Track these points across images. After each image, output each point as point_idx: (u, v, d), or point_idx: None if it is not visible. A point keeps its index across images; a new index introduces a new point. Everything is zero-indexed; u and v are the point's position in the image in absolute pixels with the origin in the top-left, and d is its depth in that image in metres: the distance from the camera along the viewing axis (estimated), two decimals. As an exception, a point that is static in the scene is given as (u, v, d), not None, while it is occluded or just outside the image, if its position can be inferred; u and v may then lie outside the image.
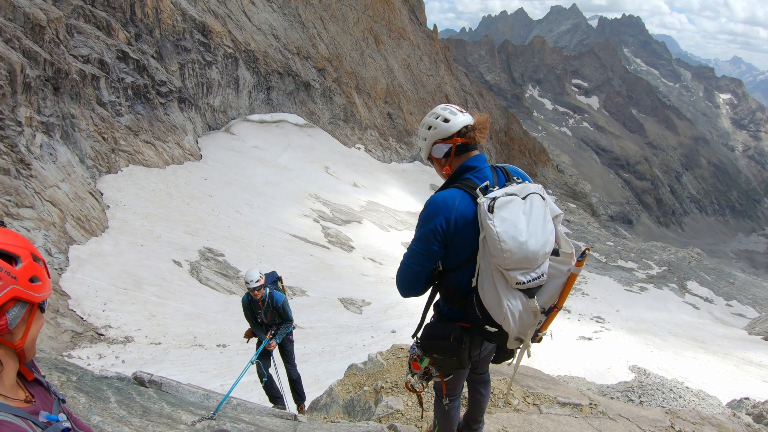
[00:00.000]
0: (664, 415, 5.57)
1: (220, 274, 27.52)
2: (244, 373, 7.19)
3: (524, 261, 2.83)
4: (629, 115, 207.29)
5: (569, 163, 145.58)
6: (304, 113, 62.88)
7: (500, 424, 4.66)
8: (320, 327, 25.41)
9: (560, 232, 3.14)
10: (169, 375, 17.64)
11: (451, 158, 3.22)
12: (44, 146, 26.51)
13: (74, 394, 3.89)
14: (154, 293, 23.38)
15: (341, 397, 7.03)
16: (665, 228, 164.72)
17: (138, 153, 35.85)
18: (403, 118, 76.71)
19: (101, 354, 18.11)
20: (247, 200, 39.88)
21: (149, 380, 5.39)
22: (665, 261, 62.00)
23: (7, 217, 20.93)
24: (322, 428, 4.60)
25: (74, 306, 20.16)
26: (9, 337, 1.83)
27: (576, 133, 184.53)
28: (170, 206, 32.84)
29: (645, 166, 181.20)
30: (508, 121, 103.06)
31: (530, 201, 2.94)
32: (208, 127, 49.11)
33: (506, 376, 5.97)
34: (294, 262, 32.88)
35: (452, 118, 3.16)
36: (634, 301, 43.78)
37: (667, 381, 24.34)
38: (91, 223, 25.84)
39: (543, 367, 24.80)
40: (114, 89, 36.27)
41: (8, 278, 1.76)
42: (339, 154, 61.43)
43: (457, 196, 3.02)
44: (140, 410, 4.07)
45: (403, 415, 5.37)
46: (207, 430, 4.07)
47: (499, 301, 2.92)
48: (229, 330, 22.62)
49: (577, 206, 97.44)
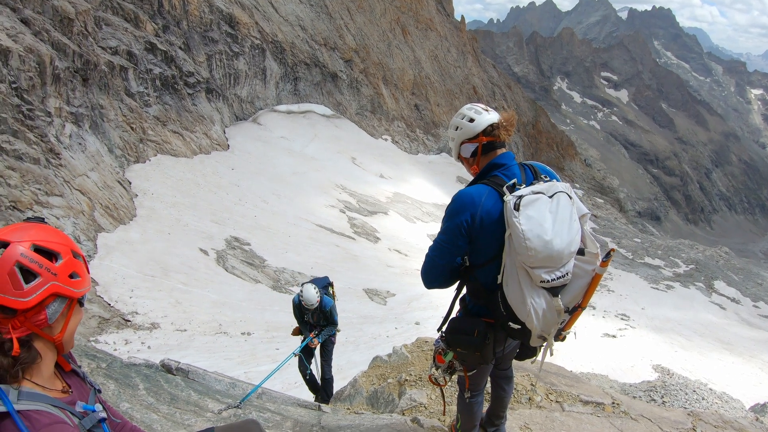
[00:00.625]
0: (686, 417, 5.50)
1: (246, 263, 27.66)
2: (282, 365, 7.20)
3: (549, 260, 2.84)
4: (659, 110, 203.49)
5: (597, 158, 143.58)
6: (331, 104, 62.96)
7: (522, 421, 4.62)
8: (344, 317, 25.35)
9: (586, 232, 3.11)
10: (194, 362, 17.80)
11: (478, 157, 3.25)
12: (73, 136, 26.85)
13: (103, 381, 3.91)
14: (180, 281, 23.60)
15: (365, 388, 7.03)
16: (693, 225, 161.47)
17: (166, 143, 36.19)
18: (431, 110, 76.43)
19: (128, 340, 18.33)
20: (273, 190, 40.05)
21: (176, 368, 5.42)
22: (692, 259, 60.99)
23: (37, 205, 21.24)
24: (346, 419, 4.57)
25: (102, 292, 20.42)
26: (48, 331, 1.89)
27: (605, 127, 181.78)
28: (197, 195, 33.11)
29: (674, 162, 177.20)
30: (536, 114, 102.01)
31: (557, 200, 2.94)
32: (235, 117, 49.38)
33: (530, 372, 5.91)
34: (319, 252, 32.96)
35: (477, 117, 3.19)
36: (660, 300, 43.17)
37: (691, 382, 24.10)
38: (119, 211, 26.14)
39: (566, 363, 24.62)
40: (142, 80, 36.62)
41: (48, 275, 1.83)
42: (366, 145, 61.42)
43: (484, 193, 3.04)
44: (168, 397, 4.07)
45: (427, 408, 5.35)
46: (233, 418, 4.05)
47: (523, 299, 2.94)
48: (254, 318, 22.76)
49: (604, 201, 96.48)
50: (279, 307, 24.59)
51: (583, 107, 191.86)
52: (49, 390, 1.89)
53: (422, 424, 4.49)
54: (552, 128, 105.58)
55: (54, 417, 1.78)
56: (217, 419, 3.88)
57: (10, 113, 22.32)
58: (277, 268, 28.57)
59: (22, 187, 20.96)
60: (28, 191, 21.15)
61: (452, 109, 79.18)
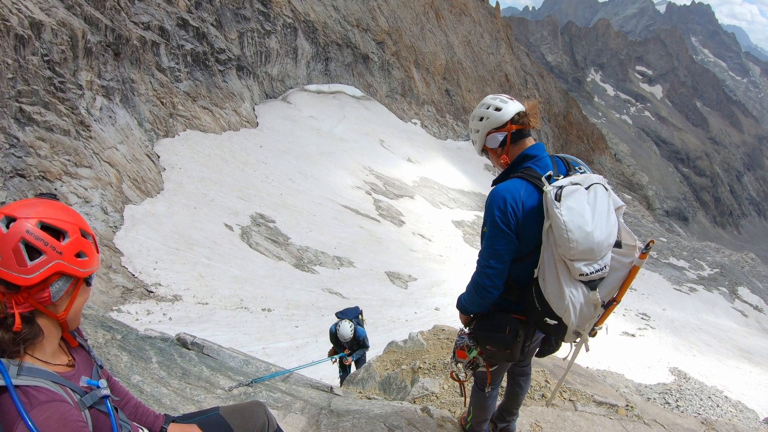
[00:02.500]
0: (700, 426, 5.40)
1: (270, 240, 27.82)
2: (310, 366, 7.27)
3: (589, 252, 2.77)
4: (693, 108, 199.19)
5: (627, 153, 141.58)
6: (361, 85, 62.82)
7: (534, 419, 4.55)
8: (365, 299, 25.51)
9: (623, 224, 3.05)
10: (213, 335, 18.03)
11: (507, 146, 3.17)
12: (104, 109, 27.13)
13: (117, 353, 3.92)
14: (204, 255, 23.82)
15: (379, 373, 7.04)
16: (721, 228, 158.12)
17: (195, 118, 36.42)
18: (461, 95, 75.87)
19: (149, 310, 18.56)
20: (300, 169, 40.15)
21: (192, 342, 5.43)
22: (718, 263, 59.99)
23: (66, 176, 21.53)
24: (356, 404, 4.55)
25: (126, 263, 20.68)
26: (52, 309, 1.89)
27: (637, 122, 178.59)
28: (224, 171, 33.32)
29: (705, 162, 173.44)
30: (567, 105, 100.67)
31: (594, 191, 2.88)
32: (265, 95, 49.49)
33: (545, 368, 5.86)
34: (344, 233, 33.03)
35: (503, 106, 3.11)
36: (681, 302, 42.55)
37: (707, 388, 23.95)
38: (146, 184, 26.40)
39: (583, 360, 24.63)
40: (173, 56, 36.82)
41: (53, 253, 1.82)
42: (394, 128, 61.24)
43: (521, 187, 2.97)
44: (180, 372, 4.08)
45: (438, 398, 5.31)
46: (243, 396, 4.06)
47: (561, 293, 2.87)
48: (275, 295, 22.90)
49: (632, 198, 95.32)
50: (300, 285, 24.73)
51: (616, 101, 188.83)
52: (52, 365, 1.89)
53: (432, 414, 4.46)
54: (583, 120, 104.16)
55: (52, 394, 1.77)
56: (226, 397, 3.88)
57: (42, 85, 22.59)
58: (301, 247, 28.70)
59: (51, 158, 21.25)
60: (57, 162, 21.44)
61: (483, 95, 78.13)
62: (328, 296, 24.54)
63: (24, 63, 21.78)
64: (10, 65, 20.85)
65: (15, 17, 21.99)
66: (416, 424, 4.09)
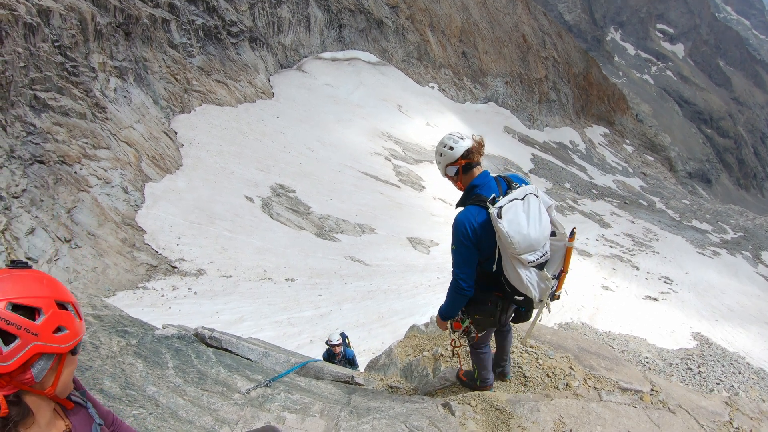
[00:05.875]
0: (724, 408, 5.47)
1: (290, 210, 27.97)
2: (303, 365, 7.23)
3: (529, 246, 3.79)
4: (716, 67, 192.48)
5: (649, 113, 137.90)
6: (376, 51, 62.20)
7: (558, 414, 4.58)
8: (387, 265, 25.62)
9: (554, 219, 4.11)
10: (239, 307, 18.29)
11: (460, 175, 4.15)
12: (118, 90, 27.28)
13: (132, 361, 3.90)
14: (226, 228, 24.05)
15: (400, 359, 7.11)
16: (745, 191, 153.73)
17: (210, 92, 36.45)
18: (479, 58, 74.63)
19: (174, 286, 18.85)
20: (318, 137, 40.12)
21: (210, 336, 5.44)
22: (741, 227, 58.68)
23: (84, 158, 21.79)
24: (376, 399, 4.60)
25: (149, 240, 20.97)
26: (38, 387, 1.78)
27: (658, 82, 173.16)
28: (243, 143, 33.43)
29: (729, 123, 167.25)
30: (587, 65, 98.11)
31: (527, 201, 3.86)
32: (279, 65, 49.26)
33: (569, 352, 5.85)
34: (364, 200, 33.08)
35: (455, 146, 4.05)
36: (704, 265, 41.70)
37: (729, 354, 23.87)
38: (165, 161, 26.61)
39: (606, 324, 24.80)
40: (185, 31, 36.72)
41: (28, 336, 1.68)
42: (412, 93, 60.63)
43: (475, 212, 3.92)
44: (196, 377, 4.07)
45: (460, 389, 5.32)
46: (261, 399, 4.06)
47: (520, 278, 3.89)
48: (298, 265, 23.10)
49: (654, 159, 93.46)
50: (322, 253, 24.90)
51: (637, 60, 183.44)
52: None
53: (454, 411, 4.51)
54: (603, 80, 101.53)
55: None
56: (244, 402, 3.89)
57: (55, 71, 22.75)
58: (322, 215, 28.83)
59: (69, 142, 21.48)
60: (75, 145, 21.68)
61: (500, 57, 77.36)
62: (350, 264, 24.69)
63: (35, 50, 21.92)
64: (21, 54, 21.00)
65: (22, 6, 22.09)
66: (438, 424, 4.17)
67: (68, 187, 19.88)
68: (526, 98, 78.87)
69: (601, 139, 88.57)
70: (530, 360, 5.61)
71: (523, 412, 4.56)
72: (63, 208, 18.90)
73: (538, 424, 4.42)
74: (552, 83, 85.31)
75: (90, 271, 17.83)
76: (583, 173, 68.68)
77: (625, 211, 57.13)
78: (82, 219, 19.41)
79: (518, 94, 77.75)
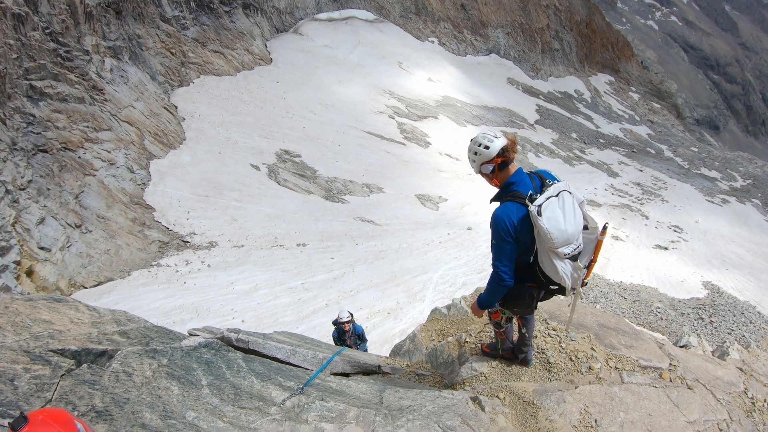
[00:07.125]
0: (739, 376, 5.85)
1: (297, 175, 28.00)
2: (330, 361, 7.29)
3: (565, 241, 4.07)
4: (721, 12, 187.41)
5: (654, 60, 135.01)
6: (373, 8, 61.35)
7: (583, 403, 4.82)
8: (397, 224, 25.67)
9: (586, 213, 4.41)
10: (252, 276, 18.44)
11: (496, 173, 4.33)
12: (114, 70, 27.17)
13: (167, 384, 3.84)
14: (234, 198, 24.17)
15: (425, 344, 7.24)
16: (753, 138, 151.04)
17: (208, 63, 36.26)
18: (478, 9, 73.22)
19: (188, 260, 19.05)
20: (320, 100, 39.90)
21: (237, 338, 5.45)
22: (750, 174, 57.82)
23: (87, 142, 21.87)
24: (407, 397, 4.66)
25: (159, 217, 21.13)
26: None
27: (663, 28, 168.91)
28: (244, 112, 33.34)
29: (736, 69, 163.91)
30: (589, 12, 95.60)
31: (562, 197, 4.13)
32: (275, 30, 48.77)
33: (590, 331, 6.00)
34: (370, 159, 33.02)
35: (491, 144, 4.22)
36: (714, 213, 41.34)
37: (740, 303, 23.89)
38: (168, 136, 26.64)
39: (617, 274, 25.05)
40: (176, 4, 36.34)
41: None
42: (411, 49, 59.92)
43: (513, 208, 4.16)
44: (232, 393, 4.04)
45: (487, 378, 5.43)
46: (297, 409, 4.06)
47: (555, 269, 4.18)
48: (308, 229, 23.22)
49: (661, 107, 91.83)
50: (332, 216, 24.99)
51: (640, 5, 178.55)
52: None
53: (483, 406, 4.62)
54: (607, 27, 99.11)
55: None
56: (281, 415, 3.90)
57: (48, 58, 22.66)
58: (329, 178, 28.85)
59: (70, 128, 21.53)
60: (76, 130, 21.72)
61: (500, 7, 75.87)
62: (360, 224, 24.78)
63: (26, 40, 21.80)
64: (12, 45, 20.90)
65: (8, -4, 21.90)
66: (469, 422, 4.25)
67: (74, 173, 19.99)
68: (529, 48, 77.66)
69: (607, 87, 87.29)
70: (553, 344, 5.80)
71: (550, 404, 4.82)
72: (70, 195, 19.04)
73: (565, 416, 4.69)
74: (554, 32, 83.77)
75: (103, 254, 18.04)
76: (590, 122, 67.92)
77: (633, 159, 56.73)
78: (90, 203, 19.56)
79: (520, 45, 76.55)
